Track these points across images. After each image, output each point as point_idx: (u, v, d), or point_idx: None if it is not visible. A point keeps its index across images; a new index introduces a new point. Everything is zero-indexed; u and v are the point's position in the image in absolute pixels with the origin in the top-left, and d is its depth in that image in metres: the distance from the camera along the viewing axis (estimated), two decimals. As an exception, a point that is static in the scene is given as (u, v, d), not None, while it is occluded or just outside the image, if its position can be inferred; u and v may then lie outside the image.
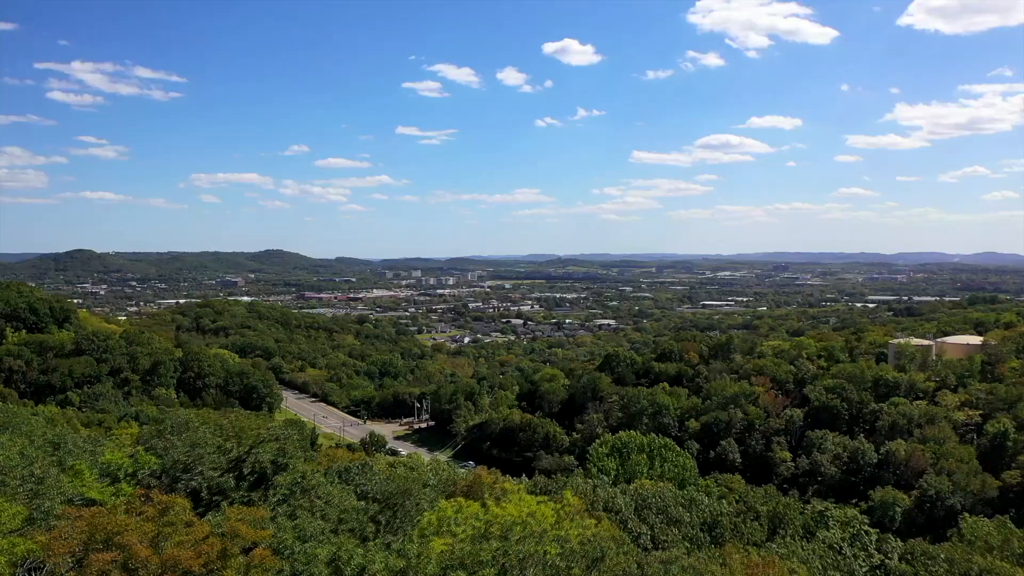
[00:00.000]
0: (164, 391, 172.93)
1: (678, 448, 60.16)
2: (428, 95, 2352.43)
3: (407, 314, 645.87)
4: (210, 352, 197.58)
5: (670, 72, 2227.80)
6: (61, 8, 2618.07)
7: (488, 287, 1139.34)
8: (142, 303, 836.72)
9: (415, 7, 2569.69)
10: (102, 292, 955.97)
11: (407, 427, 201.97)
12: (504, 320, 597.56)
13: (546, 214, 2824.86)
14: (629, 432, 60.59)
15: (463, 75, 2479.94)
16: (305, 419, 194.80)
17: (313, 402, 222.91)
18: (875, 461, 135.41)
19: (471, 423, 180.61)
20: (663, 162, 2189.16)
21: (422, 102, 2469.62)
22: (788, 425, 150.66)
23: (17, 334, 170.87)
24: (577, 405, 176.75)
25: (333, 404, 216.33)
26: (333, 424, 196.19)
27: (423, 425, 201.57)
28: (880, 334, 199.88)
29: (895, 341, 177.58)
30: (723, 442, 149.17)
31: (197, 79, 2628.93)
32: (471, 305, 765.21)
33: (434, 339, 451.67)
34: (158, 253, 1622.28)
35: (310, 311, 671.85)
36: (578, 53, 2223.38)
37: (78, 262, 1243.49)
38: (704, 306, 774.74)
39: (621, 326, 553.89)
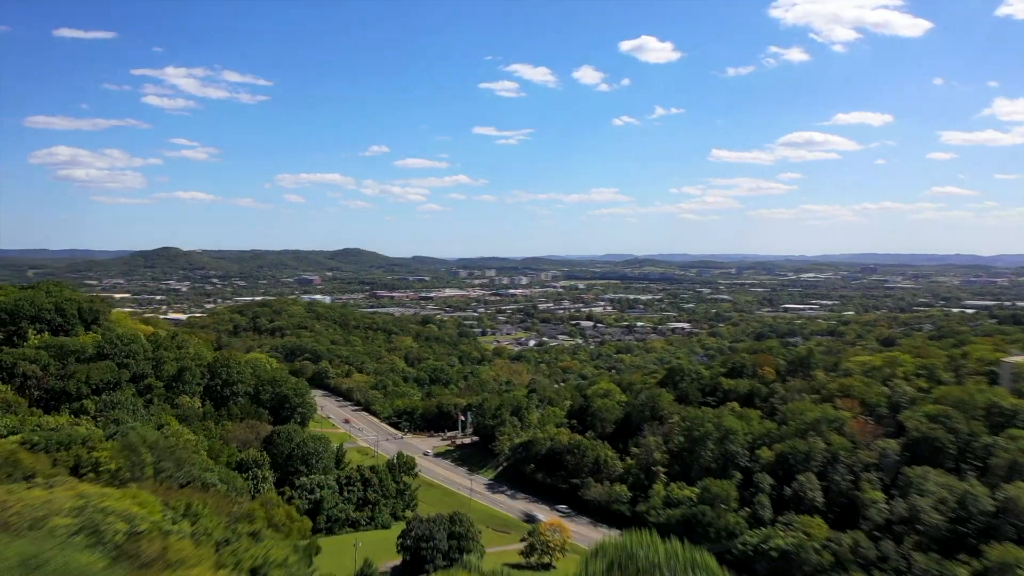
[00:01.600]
0: (188, 399, 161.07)
1: (711, 566, 39.97)
2: (505, 95, 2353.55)
3: (475, 315, 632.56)
4: (242, 358, 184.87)
5: (751, 68, 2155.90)
6: (155, 16, 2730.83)
7: (561, 287, 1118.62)
8: (219, 300, 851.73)
9: (491, 8, 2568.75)
10: (184, 289, 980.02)
11: (449, 442, 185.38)
12: (573, 322, 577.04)
13: (623, 214, 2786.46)
14: (640, 533, 40.67)
15: (539, 75, 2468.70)
16: (341, 431, 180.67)
17: (355, 411, 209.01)
18: (990, 509, 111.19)
19: (516, 441, 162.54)
20: (744, 160, 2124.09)
21: (499, 102, 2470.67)
22: (881, 459, 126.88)
23: (39, 336, 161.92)
24: (633, 425, 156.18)
25: (375, 414, 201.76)
26: (370, 437, 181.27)
27: (467, 440, 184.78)
28: (988, 348, 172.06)
29: (1010, 360, 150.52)
30: (801, 477, 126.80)
31: (283, 82, 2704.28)
32: (541, 306, 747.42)
33: (497, 342, 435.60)
34: (240, 251, 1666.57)
35: (378, 310, 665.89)
36: (656, 50, 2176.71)
37: (165, 259, 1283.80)
38: (785, 310, 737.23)
39: (695, 330, 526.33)
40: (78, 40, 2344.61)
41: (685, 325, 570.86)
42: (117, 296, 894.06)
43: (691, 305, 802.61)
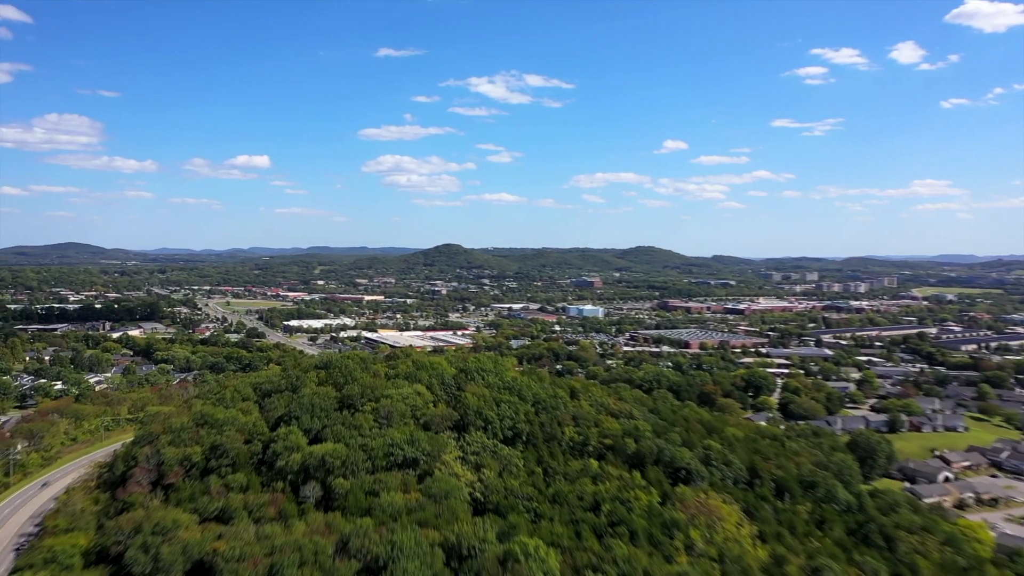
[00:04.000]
0: None
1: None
2: (812, 83, 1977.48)
3: (825, 353, 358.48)
4: None
5: None
6: (460, 29, 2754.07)
7: (923, 300, 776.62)
8: (471, 306, 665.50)
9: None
10: (444, 291, 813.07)
11: None
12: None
13: (955, 209, 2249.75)
14: None
15: (844, 57, 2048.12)
16: None
17: None
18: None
19: None
20: None
21: (801, 91, 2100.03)
22: None
23: None
24: None
25: None
26: None
27: None
28: None
29: None
30: None
31: (584, 83, 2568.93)
32: (928, 332, 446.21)
33: (943, 463, 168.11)
34: (524, 248, 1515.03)
35: (665, 333, 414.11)
36: (991, 16, 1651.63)
37: (445, 256, 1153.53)
38: None
39: None
40: (393, 58, 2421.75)
41: None
42: (365, 298, 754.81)
43: None
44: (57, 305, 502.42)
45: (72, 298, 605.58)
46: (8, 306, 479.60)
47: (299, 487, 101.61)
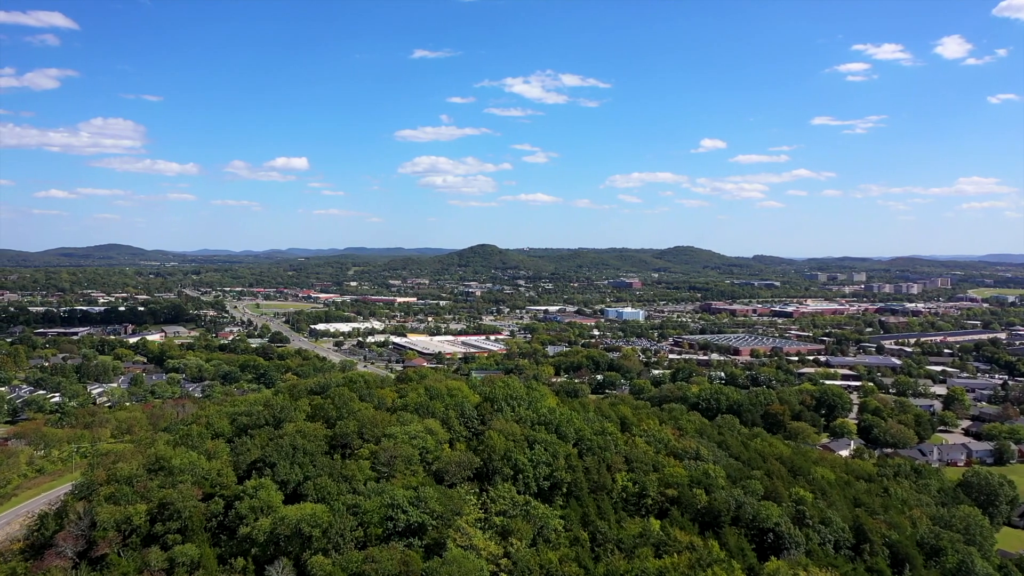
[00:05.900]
0: None
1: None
2: (854, 80, 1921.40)
3: (895, 362, 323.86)
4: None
5: None
6: (493, 30, 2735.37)
7: (983, 302, 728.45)
8: (506, 309, 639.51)
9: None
10: (478, 293, 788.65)
11: None
12: None
13: (1003, 207, 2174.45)
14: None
15: (887, 52, 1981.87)
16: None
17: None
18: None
19: None
20: None
21: (844, 88, 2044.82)
22: None
23: None
24: None
25: None
26: None
27: None
28: None
29: None
30: None
31: (621, 83, 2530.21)
32: (998, 337, 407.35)
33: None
34: (560, 249, 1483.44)
35: (712, 338, 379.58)
36: None
37: (480, 257, 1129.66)
38: None
39: None
40: (428, 59, 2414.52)
41: None
42: (397, 300, 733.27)
43: None
44: (82, 308, 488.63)
45: (101, 300, 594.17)
46: (31, 308, 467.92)
47: (265, 565, 75.77)
